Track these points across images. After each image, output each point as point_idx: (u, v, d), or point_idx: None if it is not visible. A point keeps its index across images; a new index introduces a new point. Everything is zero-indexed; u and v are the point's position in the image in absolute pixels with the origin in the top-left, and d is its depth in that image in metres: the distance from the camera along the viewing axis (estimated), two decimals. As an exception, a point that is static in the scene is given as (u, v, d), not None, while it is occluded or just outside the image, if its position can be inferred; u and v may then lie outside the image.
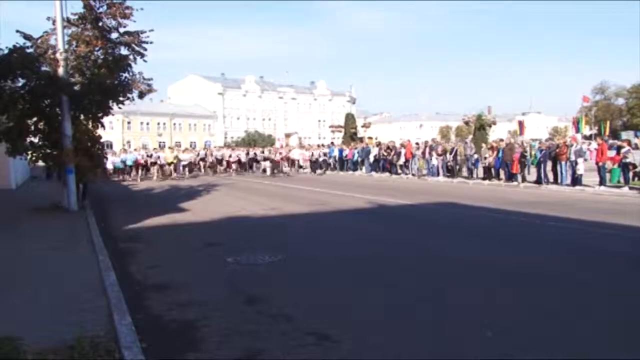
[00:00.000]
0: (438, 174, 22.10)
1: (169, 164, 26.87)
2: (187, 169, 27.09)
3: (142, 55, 13.18)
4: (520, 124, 43.82)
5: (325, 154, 31.49)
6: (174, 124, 78.04)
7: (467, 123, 41.74)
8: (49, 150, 12.89)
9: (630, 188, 15.20)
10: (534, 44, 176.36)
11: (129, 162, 26.27)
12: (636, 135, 49.09)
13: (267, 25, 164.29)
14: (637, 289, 5.51)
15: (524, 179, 18.28)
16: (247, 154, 31.81)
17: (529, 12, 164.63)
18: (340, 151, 30.91)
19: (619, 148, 16.53)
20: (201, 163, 29.45)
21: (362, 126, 54.34)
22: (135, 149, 35.54)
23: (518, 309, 4.88)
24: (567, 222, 9.94)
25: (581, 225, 9.46)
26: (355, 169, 28.53)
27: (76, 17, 12.45)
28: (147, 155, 27.23)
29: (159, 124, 76.33)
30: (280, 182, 22.65)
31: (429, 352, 3.92)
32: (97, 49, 12.63)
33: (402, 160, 24.58)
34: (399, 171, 24.82)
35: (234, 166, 29.87)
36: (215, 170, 29.64)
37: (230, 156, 30.38)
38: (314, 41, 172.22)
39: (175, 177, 26.13)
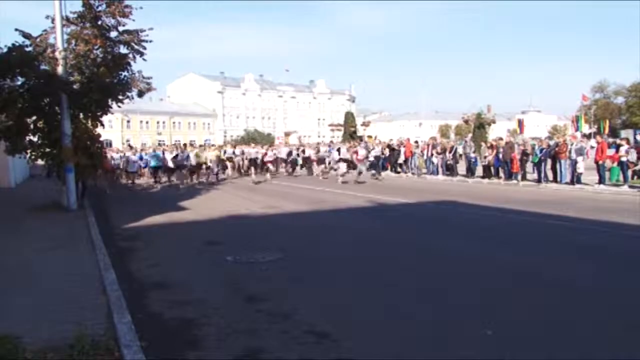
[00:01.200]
0: (437, 173, 22.11)
1: (207, 166, 21.44)
2: (210, 172, 21.46)
3: (142, 54, 13.21)
4: (520, 122, 43.96)
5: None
6: (174, 122, 78.10)
7: (466, 122, 41.86)
8: (48, 149, 12.90)
9: (630, 186, 15.21)
10: (534, 44, 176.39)
11: (152, 163, 21.61)
12: (635, 134, 49.08)
13: (267, 24, 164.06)
14: (637, 289, 5.51)
15: (524, 178, 18.28)
16: (290, 153, 26.38)
17: (529, 12, 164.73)
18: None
19: (618, 146, 16.55)
20: (229, 164, 24.69)
21: (362, 125, 54.48)
22: (150, 147, 30.78)
23: (518, 309, 4.88)
24: (567, 220, 9.94)
25: (581, 224, 9.46)
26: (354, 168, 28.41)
27: (75, 15, 12.46)
28: (173, 157, 21.19)
29: (158, 122, 76.42)
30: (279, 180, 22.61)
31: (429, 352, 3.92)
32: (96, 47, 12.64)
33: (401, 158, 24.58)
34: (399, 170, 24.81)
35: (271, 167, 24.27)
36: (246, 172, 24.34)
37: (265, 154, 24.53)
38: (313, 40, 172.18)
39: (204, 180, 21.38)
